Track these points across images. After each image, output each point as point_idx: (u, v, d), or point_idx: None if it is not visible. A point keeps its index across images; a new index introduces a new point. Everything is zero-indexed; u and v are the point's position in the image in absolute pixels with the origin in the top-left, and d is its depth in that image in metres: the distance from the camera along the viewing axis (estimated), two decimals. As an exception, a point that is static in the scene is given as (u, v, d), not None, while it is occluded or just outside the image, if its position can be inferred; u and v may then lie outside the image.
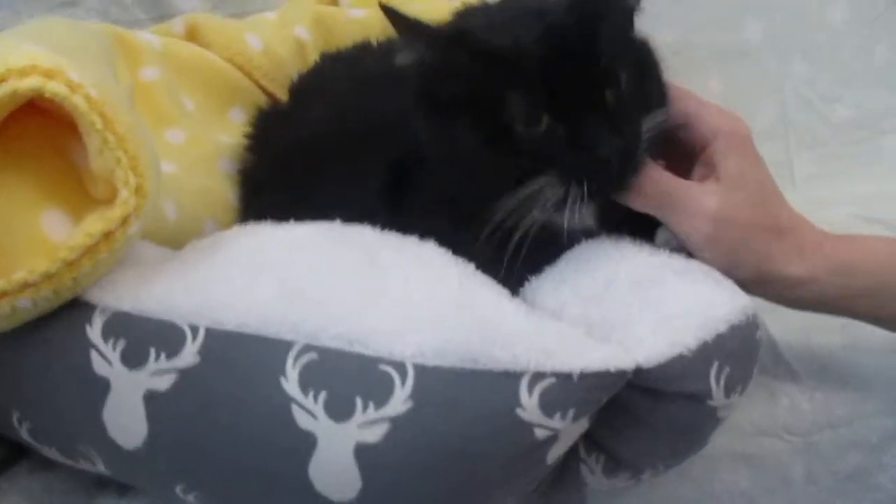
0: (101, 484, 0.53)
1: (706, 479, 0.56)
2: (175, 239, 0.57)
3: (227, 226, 0.65)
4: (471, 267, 0.46)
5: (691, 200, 0.49)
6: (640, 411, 0.44)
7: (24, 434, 0.48)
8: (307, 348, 0.41)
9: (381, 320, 0.42)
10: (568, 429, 0.40)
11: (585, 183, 0.45)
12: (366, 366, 0.40)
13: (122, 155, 0.41)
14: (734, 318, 0.43)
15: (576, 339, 0.42)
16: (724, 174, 0.49)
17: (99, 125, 0.40)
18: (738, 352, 0.44)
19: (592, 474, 0.48)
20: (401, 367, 0.40)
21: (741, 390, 0.44)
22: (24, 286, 0.41)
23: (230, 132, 0.74)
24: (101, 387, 0.43)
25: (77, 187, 0.45)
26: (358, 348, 0.41)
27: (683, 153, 0.53)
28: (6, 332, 0.44)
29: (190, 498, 0.46)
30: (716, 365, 0.42)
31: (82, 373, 0.43)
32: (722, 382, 0.43)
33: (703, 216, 0.48)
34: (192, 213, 0.61)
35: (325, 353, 0.41)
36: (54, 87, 0.40)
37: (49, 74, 0.40)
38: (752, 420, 0.58)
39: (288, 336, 0.42)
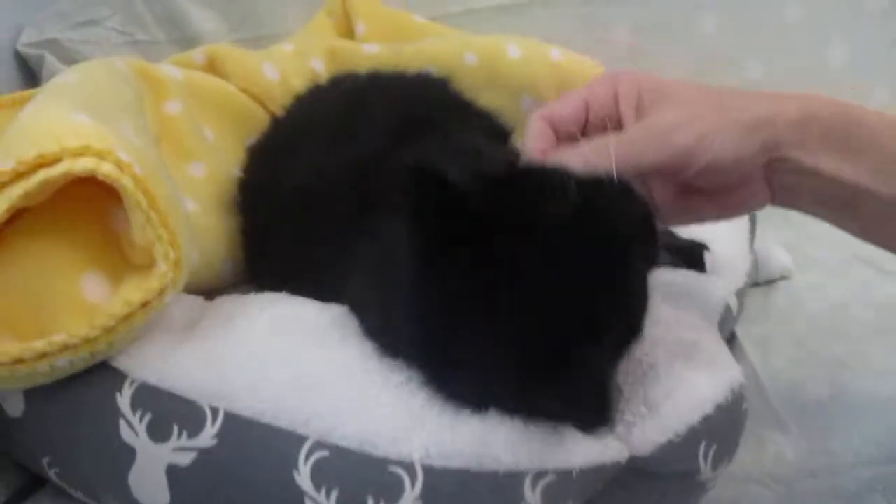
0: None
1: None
2: (195, 280, 0.59)
3: (238, 265, 0.68)
4: None
5: (653, 124, 0.48)
6: (633, 485, 0.46)
7: (52, 476, 0.51)
8: (319, 445, 0.43)
9: (387, 421, 0.43)
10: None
11: None
12: (376, 466, 0.42)
13: (163, 231, 0.44)
14: (720, 398, 0.46)
15: (573, 436, 0.43)
16: (657, 101, 0.50)
17: (144, 205, 0.43)
18: (724, 429, 0.46)
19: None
20: (410, 469, 0.41)
21: (728, 461, 0.47)
22: (64, 348, 0.44)
23: (246, 163, 0.76)
24: (128, 453, 0.46)
25: (115, 251, 0.47)
26: (367, 448, 0.42)
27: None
28: (41, 386, 0.47)
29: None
30: (703, 445, 0.45)
31: (111, 438, 0.46)
32: (710, 459, 0.45)
33: (676, 124, 0.48)
34: (213, 255, 0.64)
35: (335, 450, 0.43)
36: (106, 170, 0.42)
37: (101, 155, 0.43)
38: (741, 466, 0.60)
39: (300, 430, 0.43)
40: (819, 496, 0.60)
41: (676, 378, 0.47)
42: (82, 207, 0.47)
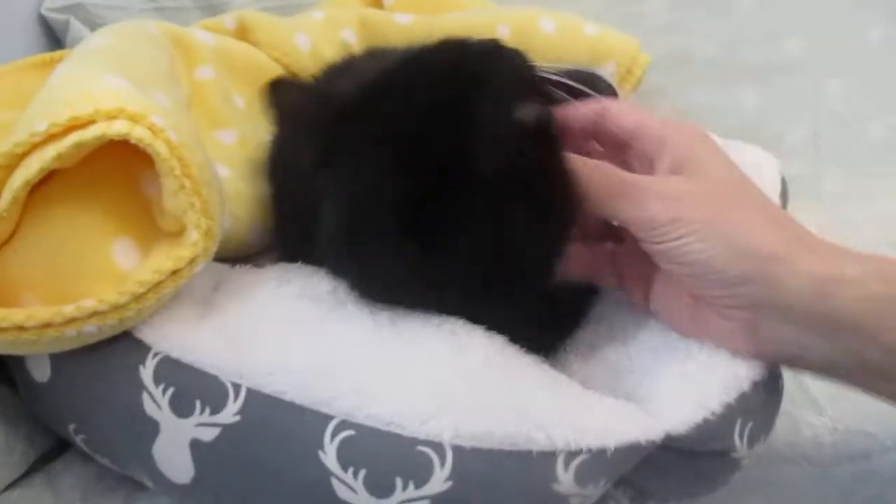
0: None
1: (722, 501, 0.58)
2: (225, 247, 0.59)
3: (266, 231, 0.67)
4: (494, 334, 0.46)
5: (653, 183, 0.44)
6: (666, 464, 0.45)
7: (79, 442, 0.51)
8: (344, 424, 0.42)
9: (414, 400, 0.42)
10: (600, 491, 0.43)
11: None
12: (404, 446, 0.41)
13: (196, 199, 0.43)
14: (756, 375, 0.45)
15: (607, 413, 0.43)
16: (688, 167, 0.44)
17: (177, 171, 0.43)
18: (761, 407, 0.46)
19: (618, 505, 0.51)
20: (439, 449, 0.41)
21: (764, 439, 0.47)
22: (93, 314, 0.43)
23: (276, 133, 0.76)
24: (152, 426, 0.45)
25: (145, 216, 0.47)
26: (394, 429, 0.42)
27: None
28: (68, 352, 0.46)
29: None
30: (739, 422, 0.44)
31: (135, 410, 0.45)
32: (745, 437, 0.45)
33: (665, 195, 0.43)
34: (243, 223, 0.63)
35: (362, 430, 0.42)
36: (140, 133, 0.42)
37: (135, 119, 0.42)
38: (774, 448, 0.60)
39: (325, 409, 0.43)
40: (854, 480, 0.59)
41: (712, 353, 0.46)
42: (114, 172, 0.46)
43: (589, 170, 0.44)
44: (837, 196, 0.99)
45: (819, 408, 0.63)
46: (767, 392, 0.46)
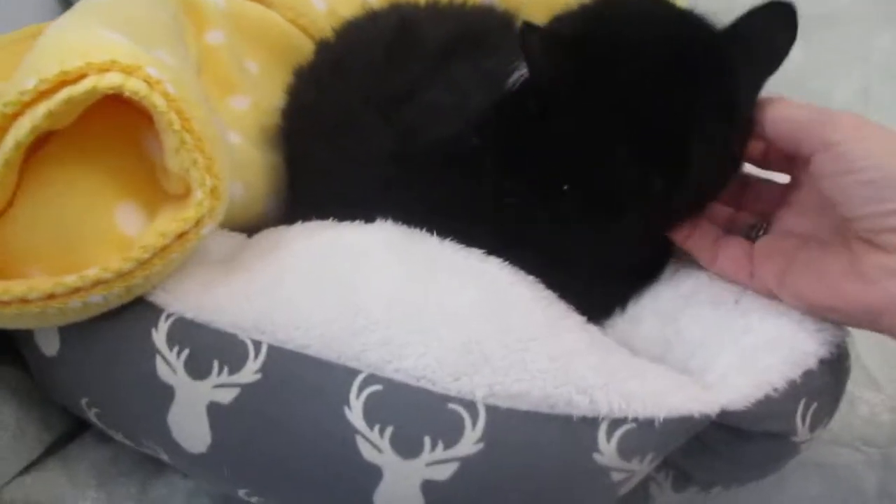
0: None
1: (774, 486, 0.54)
2: (239, 217, 0.56)
3: (283, 201, 0.64)
4: (540, 288, 0.44)
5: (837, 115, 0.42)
6: (719, 446, 0.42)
7: (92, 417, 0.49)
8: (372, 379, 0.40)
9: (447, 355, 0.39)
10: (645, 468, 0.39)
11: None
12: (434, 403, 0.39)
13: (198, 156, 0.40)
14: (824, 353, 0.41)
15: (657, 380, 0.40)
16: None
17: (177, 125, 0.39)
18: (827, 387, 0.41)
19: (660, 489, 0.47)
20: (471, 407, 0.38)
21: (827, 422, 0.42)
22: (97, 283, 0.40)
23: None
24: (166, 392, 0.43)
25: (150, 179, 0.44)
26: (425, 384, 0.39)
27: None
28: (76, 323, 0.44)
29: (253, 500, 0.46)
30: (803, 403, 0.40)
31: (148, 377, 0.43)
32: (808, 420, 0.41)
33: (850, 113, 0.42)
34: (257, 190, 0.60)
35: (390, 384, 0.39)
36: (134, 85, 0.38)
37: (128, 71, 0.39)
38: (828, 428, 0.56)
39: (351, 363, 0.40)
40: (914, 461, 0.55)
41: (776, 327, 0.42)
42: (114, 133, 0.43)
43: (773, 99, 0.44)
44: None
45: (877, 384, 0.59)
46: (834, 371, 0.42)
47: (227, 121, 0.64)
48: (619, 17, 0.45)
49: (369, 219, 0.48)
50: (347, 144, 0.53)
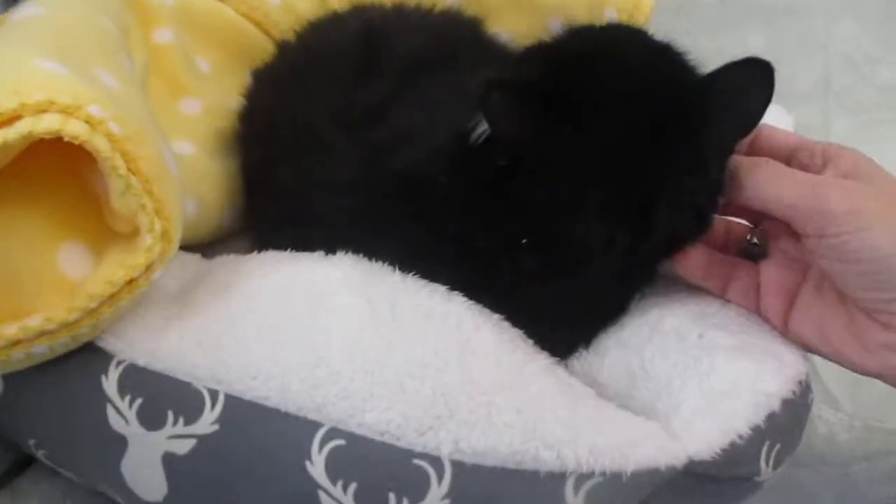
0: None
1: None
2: (191, 235, 0.54)
3: (242, 213, 0.62)
4: (505, 328, 0.43)
5: (828, 178, 0.42)
6: (684, 489, 0.41)
7: (40, 456, 0.47)
8: (334, 432, 0.39)
9: (411, 409, 0.38)
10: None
11: None
12: (398, 458, 0.38)
13: (146, 200, 0.38)
14: (786, 392, 0.41)
15: (624, 431, 0.39)
16: (856, 176, 0.42)
17: (122, 170, 0.37)
18: (790, 426, 0.41)
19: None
20: (437, 463, 0.37)
21: (790, 457, 0.42)
22: (41, 334, 0.38)
23: (247, 96, 0.69)
24: (119, 442, 0.41)
25: (94, 214, 0.41)
26: (389, 439, 0.38)
27: None
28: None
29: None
30: (766, 445, 0.40)
31: (99, 425, 0.41)
32: (772, 460, 0.41)
33: (843, 187, 0.41)
34: (212, 204, 0.58)
35: (353, 439, 0.38)
36: (74, 128, 0.35)
37: (68, 111, 0.36)
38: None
39: (312, 416, 0.39)
40: (872, 481, 0.56)
41: (738, 371, 0.41)
42: (54, 165, 0.40)
43: (760, 165, 0.43)
44: (846, 143, 0.95)
45: (835, 401, 0.60)
46: (796, 409, 0.42)
47: (178, 127, 0.61)
48: (588, 61, 0.43)
49: (330, 247, 0.46)
50: (311, 166, 0.51)
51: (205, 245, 0.59)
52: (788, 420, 0.41)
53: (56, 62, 0.39)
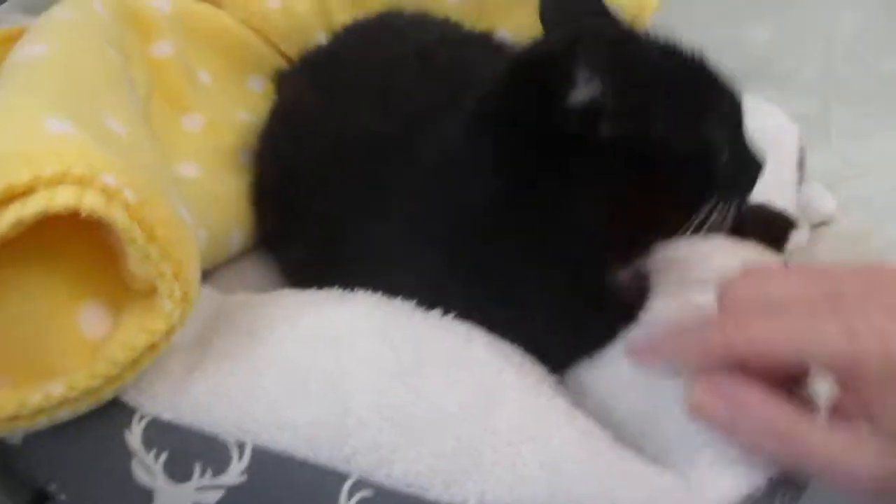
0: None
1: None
2: (203, 262, 0.53)
3: (250, 233, 0.61)
4: (525, 369, 0.43)
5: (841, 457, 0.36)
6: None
7: (61, 499, 0.46)
8: (361, 483, 0.39)
9: (438, 461, 0.39)
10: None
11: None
12: None
13: (165, 267, 0.37)
14: None
15: (643, 487, 0.40)
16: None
17: (140, 240, 0.36)
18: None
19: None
20: None
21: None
22: (64, 401, 0.38)
23: (249, 105, 0.68)
24: (145, 495, 0.41)
25: (112, 273, 0.41)
26: (416, 491, 0.39)
27: None
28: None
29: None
30: (779, 497, 0.41)
31: (124, 479, 0.41)
32: (783, 507, 0.42)
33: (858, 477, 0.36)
34: (221, 229, 0.57)
35: (381, 490, 0.39)
36: (91, 202, 0.34)
37: (83, 183, 0.35)
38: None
39: (340, 467, 0.39)
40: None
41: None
42: (72, 228, 0.39)
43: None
44: (847, 135, 0.95)
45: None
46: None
47: (182, 146, 0.60)
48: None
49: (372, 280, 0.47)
50: (356, 195, 0.51)
51: (213, 268, 0.59)
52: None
53: (66, 120, 0.38)
